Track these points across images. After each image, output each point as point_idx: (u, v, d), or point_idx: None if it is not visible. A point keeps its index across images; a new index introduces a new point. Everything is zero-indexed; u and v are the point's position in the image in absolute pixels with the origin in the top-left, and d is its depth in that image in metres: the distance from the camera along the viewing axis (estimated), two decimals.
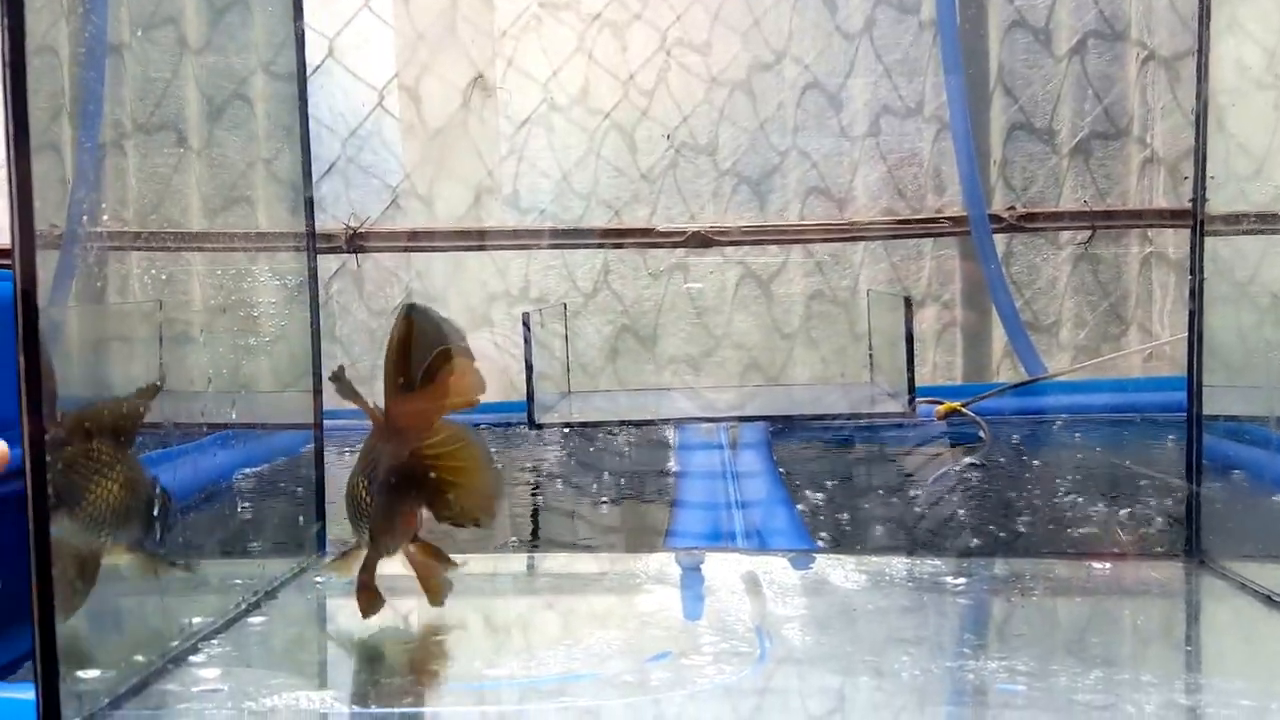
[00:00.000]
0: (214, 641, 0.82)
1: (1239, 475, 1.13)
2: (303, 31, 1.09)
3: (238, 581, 0.93)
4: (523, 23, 2.37)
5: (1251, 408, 1.24)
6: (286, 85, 1.09)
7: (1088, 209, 2.37)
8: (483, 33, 2.36)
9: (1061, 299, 2.46)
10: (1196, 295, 1.02)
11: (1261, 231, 1.30)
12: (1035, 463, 1.76)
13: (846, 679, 0.73)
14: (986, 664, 0.75)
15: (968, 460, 1.72)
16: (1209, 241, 1.36)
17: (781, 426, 2.05)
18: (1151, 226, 2.39)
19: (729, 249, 2.43)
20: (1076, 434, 2.04)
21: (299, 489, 1.11)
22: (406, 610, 0.94)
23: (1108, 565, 1.02)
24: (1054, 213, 2.36)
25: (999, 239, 2.35)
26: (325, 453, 1.11)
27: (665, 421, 2.01)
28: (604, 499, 1.55)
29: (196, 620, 0.83)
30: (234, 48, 1.15)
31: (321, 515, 1.09)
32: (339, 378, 0.88)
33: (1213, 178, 1.03)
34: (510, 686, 0.74)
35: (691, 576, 1.00)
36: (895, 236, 2.39)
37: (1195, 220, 1.02)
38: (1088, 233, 2.38)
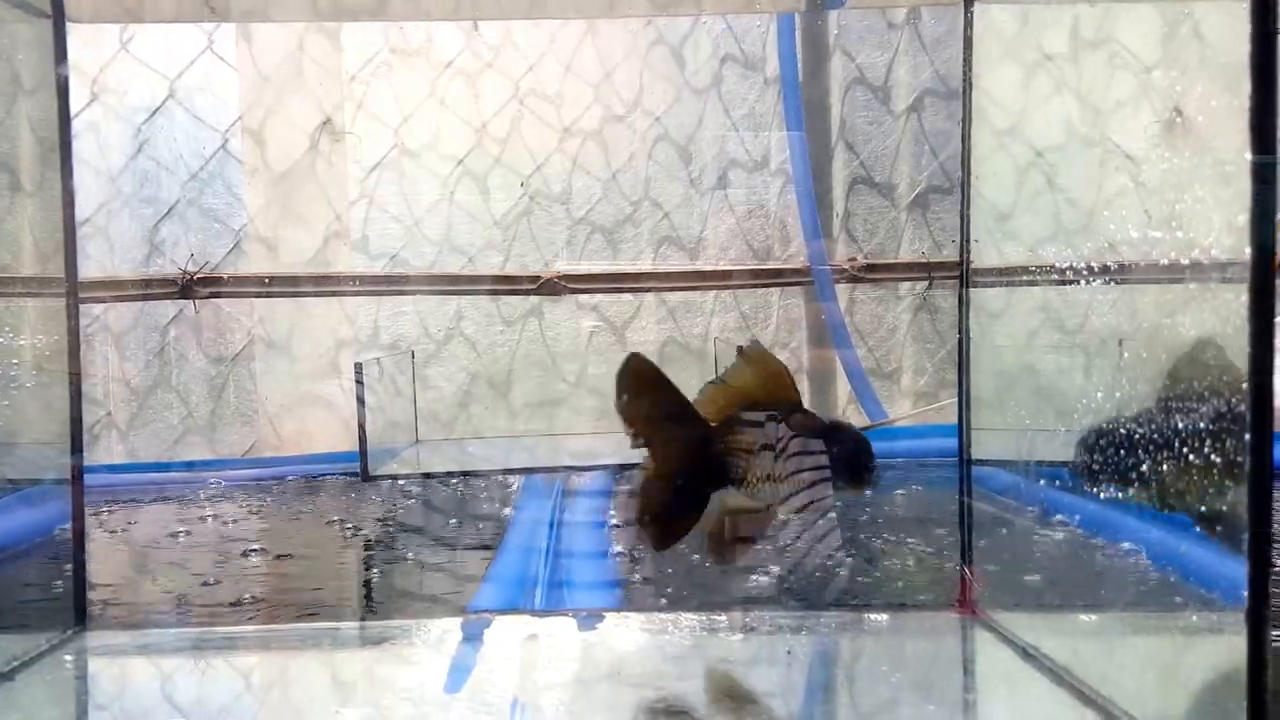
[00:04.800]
0: None
1: (1010, 525, 1.18)
2: (65, 77, 1.04)
3: None
4: (372, 68, 2.35)
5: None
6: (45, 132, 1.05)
7: (924, 260, 2.46)
8: (331, 76, 2.33)
9: (902, 346, 2.55)
10: (962, 351, 1.07)
11: (1091, 282, 1.37)
12: (859, 507, 1.80)
13: None
14: None
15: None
16: (1040, 292, 1.43)
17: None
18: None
19: (583, 296, 2.44)
20: (909, 478, 2.10)
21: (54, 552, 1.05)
22: (137, 688, 0.91)
23: (884, 616, 1.05)
24: (893, 264, 2.45)
25: (843, 288, 2.42)
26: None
27: (496, 472, 1.99)
28: (432, 546, 1.52)
29: None
30: None
31: (81, 581, 1.03)
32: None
33: (976, 240, 1.08)
34: None
35: (470, 644, 0.99)
36: (744, 286, 2.44)
37: (962, 273, 1.08)
38: (925, 282, 2.47)
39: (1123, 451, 0.84)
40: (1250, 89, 0.65)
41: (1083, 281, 0.98)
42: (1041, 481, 1.04)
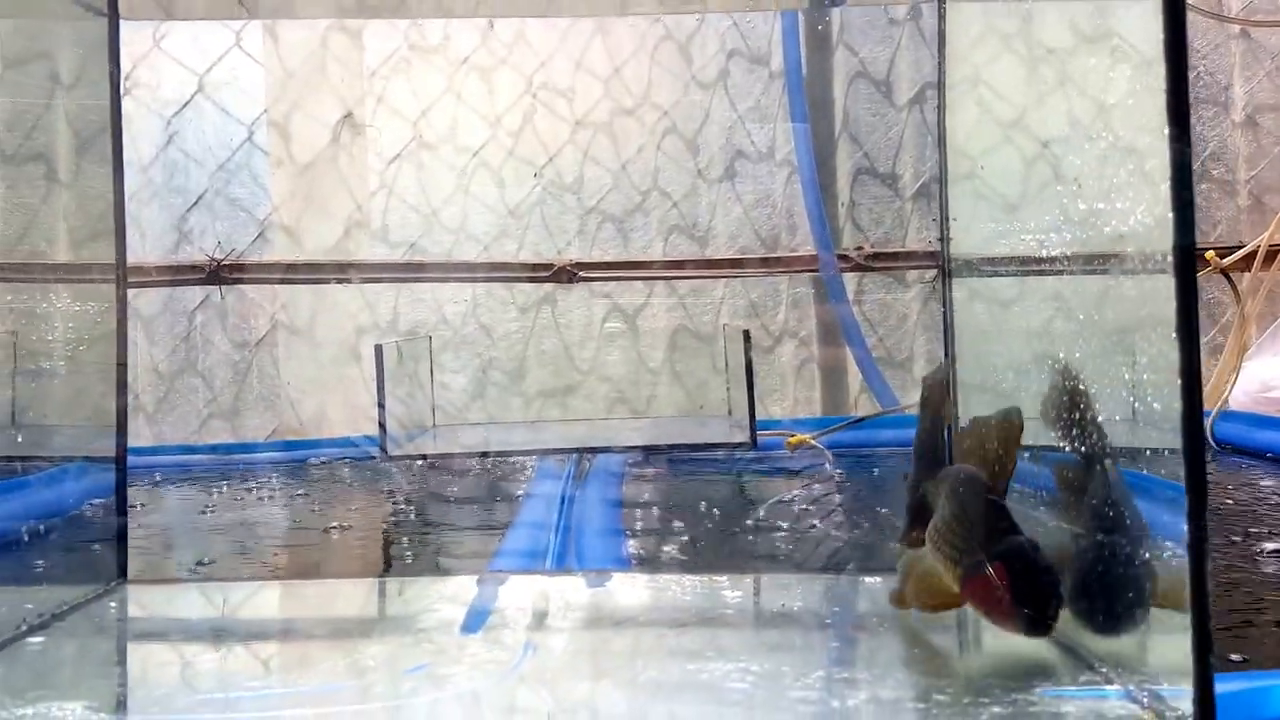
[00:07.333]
0: None
1: None
2: (117, 75, 1.13)
3: (29, 605, 0.96)
4: (392, 64, 2.43)
5: None
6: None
7: (932, 249, 2.50)
8: (352, 72, 2.42)
9: (913, 335, 2.59)
10: (948, 339, 1.10)
11: (1104, 272, 1.42)
12: (859, 491, 1.85)
13: (591, 683, 0.80)
14: (712, 666, 0.82)
15: (798, 490, 1.81)
16: (1051, 281, 1.48)
17: (642, 456, 2.13)
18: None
19: (595, 284, 2.51)
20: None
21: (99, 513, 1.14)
22: (174, 627, 1.00)
23: (879, 579, 1.09)
24: (900, 252, 2.49)
25: (850, 277, 2.47)
26: None
27: (508, 454, 2.07)
28: (448, 525, 1.60)
29: None
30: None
31: (123, 540, 1.12)
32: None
33: (954, 218, 1.12)
34: (270, 696, 0.79)
35: (485, 596, 1.05)
36: (754, 274, 2.50)
37: (943, 263, 1.11)
38: (934, 271, 2.51)
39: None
40: (1165, 72, 0.68)
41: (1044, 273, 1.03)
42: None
